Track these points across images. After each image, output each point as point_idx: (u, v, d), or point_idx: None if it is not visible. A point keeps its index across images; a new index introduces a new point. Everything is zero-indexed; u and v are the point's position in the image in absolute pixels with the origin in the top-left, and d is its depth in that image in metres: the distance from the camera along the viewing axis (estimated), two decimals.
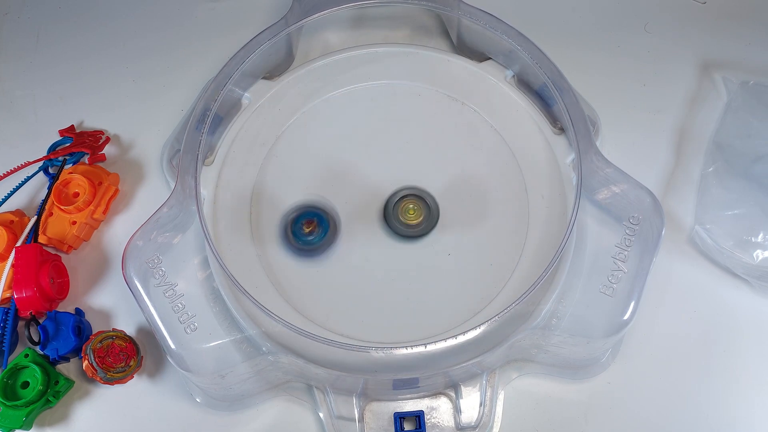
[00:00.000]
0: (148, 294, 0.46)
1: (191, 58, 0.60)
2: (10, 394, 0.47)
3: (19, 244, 0.50)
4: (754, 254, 0.50)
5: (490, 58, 0.55)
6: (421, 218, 0.49)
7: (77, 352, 0.49)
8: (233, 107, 0.53)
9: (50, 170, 0.56)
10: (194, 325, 0.46)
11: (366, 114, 0.53)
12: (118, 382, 0.48)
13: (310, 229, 0.48)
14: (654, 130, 0.56)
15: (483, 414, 0.46)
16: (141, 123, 0.58)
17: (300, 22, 0.53)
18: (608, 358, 0.48)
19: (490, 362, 0.46)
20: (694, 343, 0.49)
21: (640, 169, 0.52)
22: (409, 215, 0.49)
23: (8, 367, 0.48)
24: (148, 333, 0.50)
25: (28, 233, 0.51)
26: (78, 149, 0.55)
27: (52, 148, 0.56)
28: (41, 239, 0.51)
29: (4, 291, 0.49)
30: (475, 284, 0.48)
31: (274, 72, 0.55)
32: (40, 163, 0.55)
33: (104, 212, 0.54)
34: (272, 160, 0.52)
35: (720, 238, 0.50)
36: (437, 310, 0.47)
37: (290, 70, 0.56)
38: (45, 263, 0.49)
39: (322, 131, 0.53)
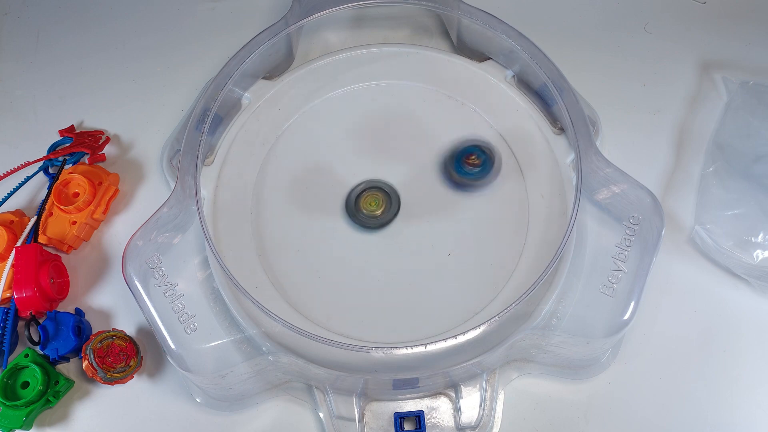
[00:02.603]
0: (148, 294, 0.46)
1: (191, 58, 0.60)
2: (10, 394, 0.47)
3: (19, 244, 0.50)
4: (754, 254, 0.50)
5: (490, 58, 0.55)
6: (382, 209, 0.49)
7: (77, 352, 0.49)
8: (233, 107, 0.53)
9: (50, 170, 0.56)
10: (194, 325, 0.46)
11: (366, 114, 0.53)
12: (118, 382, 0.48)
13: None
14: (654, 130, 0.56)
15: (483, 414, 0.46)
16: (141, 123, 0.58)
17: (300, 22, 0.53)
18: (608, 358, 0.48)
19: (490, 362, 0.46)
20: (694, 343, 0.49)
21: (640, 169, 0.52)
22: (371, 206, 0.49)
23: (8, 367, 0.48)
24: (148, 333, 0.50)
25: (28, 233, 0.51)
26: (78, 149, 0.55)
27: (52, 148, 0.56)
28: (41, 239, 0.51)
29: (4, 291, 0.49)
30: (475, 284, 0.48)
31: (274, 72, 0.55)
32: (40, 163, 0.55)
33: (104, 212, 0.54)
34: (272, 160, 0.52)
35: (720, 238, 0.50)
36: (437, 310, 0.47)
37: (290, 70, 0.56)
38: (45, 263, 0.49)
39: (322, 131, 0.53)
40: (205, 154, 0.51)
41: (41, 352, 0.48)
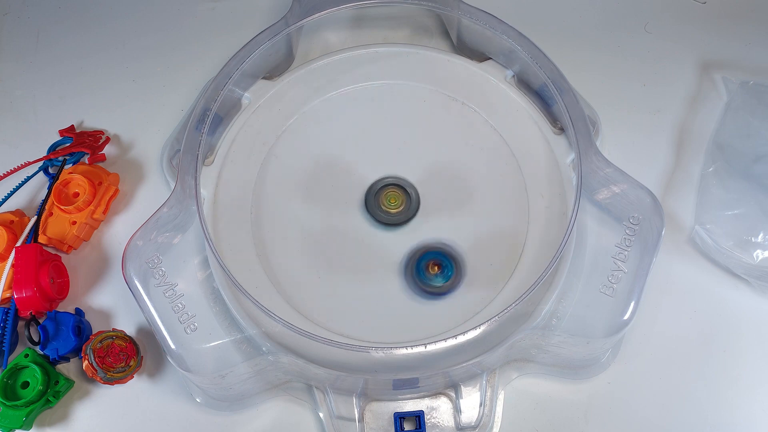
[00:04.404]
0: (148, 294, 0.46)
1: (191, 58, 0.60)
2: (10, 394, 0.47)
3: (19, 244, 0.50)
4: (754, 254, 0.50)
5: (490, 58, 0.55)
6: (401, 207, 0.49)
7: (77, 352, 0.49)
8: (233, 107, 0.53)
9: (50, 170, 0.56)
10: (194, 325, 0.46)
11: (366, 114, 0.53)
12: (118, 382, 0.48)
13: (435, 272, 0.47)
14: (654, 130, 0.56)
15: (483, 414, 0.46)
16: (141, 123, 0.58)
17: (300, 22, 0.53)
18: (608, 358, 0.48)
19: (490, 362, 0.46)
20: (694, 343, 0.49)
21: (640, 169, 0.52)
22: (390, 203, 0.49)
23: (8, 367, 0.48)
24: (148, 333, 0.50)
25: (28, 233, 0.51)
26: (78, 149, 0.55)
27: (52, 148, 0.56)
28: (41, 239, 0.51)
29: (4, 291, 0.49)
30: (475, 284, 0.48)
31: (274, 72, 0.55)
32: (40, 163, 0.55)
33: (104, 212, 0.54)
34: (272, 160, 0.52)
35: (720, 238, 0.50)
36: (437, 310, 0.47)
37: (290, 70, 0.56)
38: (45, 263, 0.49)
39: (322, 131, 0.53)
40: (205, 154, 0.51)
41: (41, 352, 0.48)
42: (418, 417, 0.46)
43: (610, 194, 0.48)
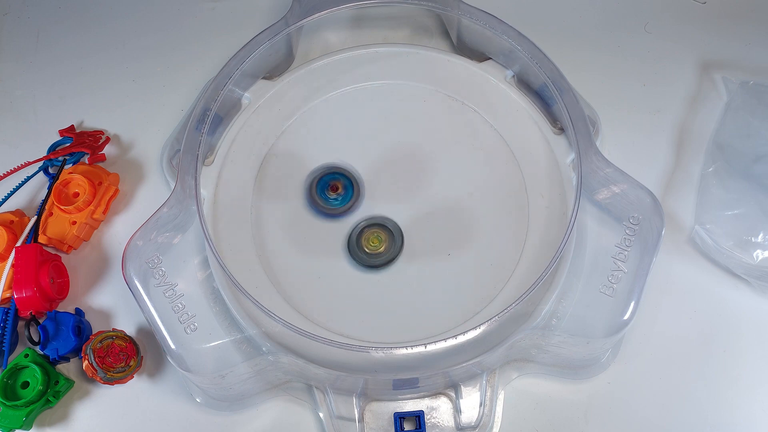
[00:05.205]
0: (148, 294, 0.46)
1: (191, 58, 0.60)
2: (10, 394, 0.47)
3: (19, 244, 0.50)
4: (754, 254, 0.50)
5: (490, 58, 0.55)
6: (383, 247, 0.48)
7: (77, 352, 0.49)
8: (233, 107, 0.53)
9: (50, 170, 0.56)
10: (194, 325, 0.46)
11: (366, 114, 0.53)
12: (118, 382, 0.48)
13: (336, 193, 0.49)
14: (654, 130, 0.56)
15: (483, 414, 0.46)
16: (141, 123, 0.58)
17: (300, 22, 0.53)
18: (608, 358, 0.48)
19: (490, 362, 0.46)
20: (694, 343, 0.49)
21: (640, 169, 0.52)
22: (371, 244, 0.48)
23: (8, 367, 0.48)
24: (148, 333, 0.50)
25: (28, 233, 0.51)
26: (78, 149, 0.55)
27: (52, 148, 0.56)
28: (41, 239, 0.51)
29: (4, 291, 0.49)
30: (475, 284, 0.48)
31: (274, 72, 0.55)
32: (40, 163, 0.55)
33: (104, 212, 0.54)
34: (272, 160, 0.52)
35: (720, 238, 0.50)
36: (437, 310, 0.47)
37: (290, 70, 0.56)
38: (45, 263, 0.49)
39: (322, 131, 0.53)
40: (205, 154, 0.51)
41: (41, 352, 0.48)
42: (418, 417, 0.46)
43: (610, 194, 0.48)
